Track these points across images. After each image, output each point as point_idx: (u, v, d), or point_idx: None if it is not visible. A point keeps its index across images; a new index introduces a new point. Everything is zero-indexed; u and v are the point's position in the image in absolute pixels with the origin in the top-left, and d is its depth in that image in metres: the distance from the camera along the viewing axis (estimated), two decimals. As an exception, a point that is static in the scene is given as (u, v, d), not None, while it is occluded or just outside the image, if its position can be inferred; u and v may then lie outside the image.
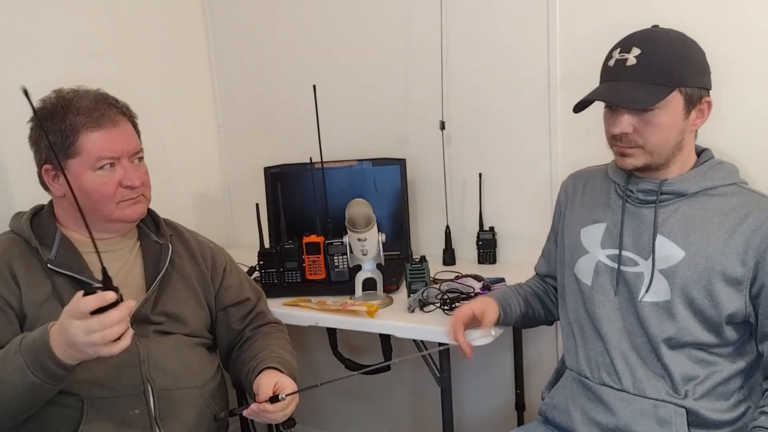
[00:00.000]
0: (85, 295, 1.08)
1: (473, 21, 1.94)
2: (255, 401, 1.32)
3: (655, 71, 1.21)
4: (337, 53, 2.18)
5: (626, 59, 1.23)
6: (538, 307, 1.55)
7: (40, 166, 1.36)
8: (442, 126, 2.00)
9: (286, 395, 1.29)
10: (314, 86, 1.76)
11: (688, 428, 1.24)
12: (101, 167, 1.32)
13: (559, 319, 1.49)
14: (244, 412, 1.32)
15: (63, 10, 1.89)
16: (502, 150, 1.97)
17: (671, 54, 1.22)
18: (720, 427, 1.26)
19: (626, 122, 1.24)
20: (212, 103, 2.45)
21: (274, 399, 1.28)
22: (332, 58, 2.19)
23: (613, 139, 1.28)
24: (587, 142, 1.38)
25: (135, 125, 1.43)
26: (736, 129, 1.61)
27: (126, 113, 1.40)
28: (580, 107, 1.31)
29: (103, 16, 2.01)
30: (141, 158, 1.41)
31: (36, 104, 1.32)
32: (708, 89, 1.26)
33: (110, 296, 1.08)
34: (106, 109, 1.34)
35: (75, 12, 1.92)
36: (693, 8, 1.62)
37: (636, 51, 1.23)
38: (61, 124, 1.30)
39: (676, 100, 1.22)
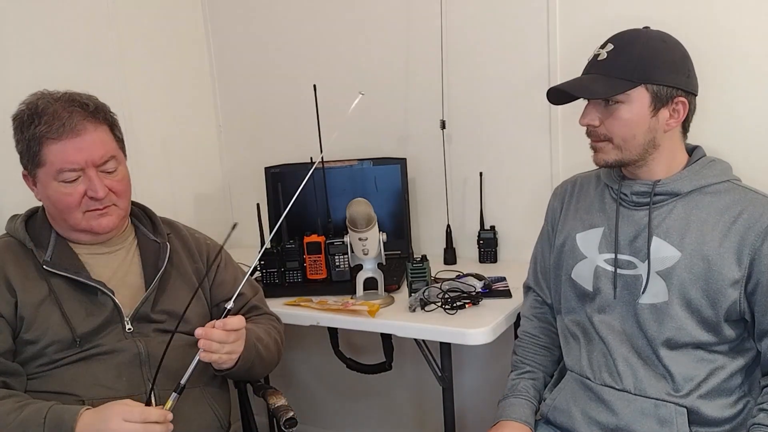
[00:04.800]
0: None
1: (473, 20, 1.94)
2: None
3: (621, 66, 1.24)
4: (337, 53, 2.18)
5: (599, 54, 1.28)
6: (549, 364, 1.49)
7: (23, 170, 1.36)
8: (443, 125, 2.00)
9: (228, 305, 1.22)
10: (314, 86, 1.76)
11: (689, 427, 1.24)
12: (64, 180, 1.29)
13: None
14: (197, 334, 1.23)
15: (62, 10, 1.89)
16: (502, 149, 1.97)
17: (642, 51, 1.24)
18: (720, 424, 1.26)
19: (593, 114, 1.28)
20: (212, 103, 2.45)
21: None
22: (332, 58, 2.18)
23: (586, 134, 1.32)
24: (587, 140, 1.39)
25: (113, 127, 1.36)
26: (727, 126, 1.62)
27: (97, 117, 1.31)
28: (555, 100, 1.34)
29: (103, 16, 2.01)
30: (114, 168, 1.33)
31: (16, 109, 1.33)
32: (684, 89, 1.25)
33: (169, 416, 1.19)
34: (68, 117, 1.27)
35: (74, 12, 1.92)
36: (689, 6, 1.63)
37: (610, 47, 1.27)
38: (27, 133, 1.28)
39: (640, 96, 1.24)
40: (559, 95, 1.32)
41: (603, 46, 1.28)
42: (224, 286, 1.53)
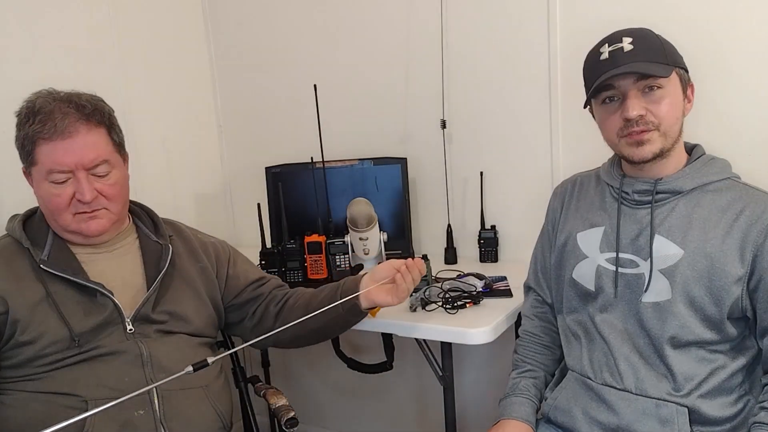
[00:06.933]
0: None
1: (474, 20, 1.94)
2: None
3: (653, 52, 1.25)
4: (337, 53, 2.18)
5: (622, 47, 1.25)
6: (550, 363, 1.50)
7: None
8: (443, 125, 2.00)
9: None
10: (315, 86, 1.76)
11: (690, 426, 1.24)
12: (53, 180, 1.29)
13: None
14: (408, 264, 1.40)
15: (62, 9, 1.89)
16: (503, 148, 1.97)
17: (659, 40, 1.28)
18: (721, 423, 1.26)
19: (639, 105, 1.24)
20: (212, 103, 2.45)
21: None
22: (332, 57, 2.19)
23: (627, 127, 1.26)
24: (588, 139, 1.39)
25: (110, 130, 1.34)
26: (727, 123, 1.62)
27: (92, 119, 1.30)
28: (594, 92, 1.28)
29: (103, 16, 2.01)
30: (106, 172, 1.32)
31: (20, 105, 1.33)
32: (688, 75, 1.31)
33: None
34: (61, 118, 1.26)
35: (75, 11, 1.92)
36: (689, 5, 1.63)
37: (628, 39, 1.26)
38: (23, 131, 1.29)
39: (674, 79, 1.26)
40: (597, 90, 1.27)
41: (617, 41, 1.25)
42: (238, 279, 1.55)
